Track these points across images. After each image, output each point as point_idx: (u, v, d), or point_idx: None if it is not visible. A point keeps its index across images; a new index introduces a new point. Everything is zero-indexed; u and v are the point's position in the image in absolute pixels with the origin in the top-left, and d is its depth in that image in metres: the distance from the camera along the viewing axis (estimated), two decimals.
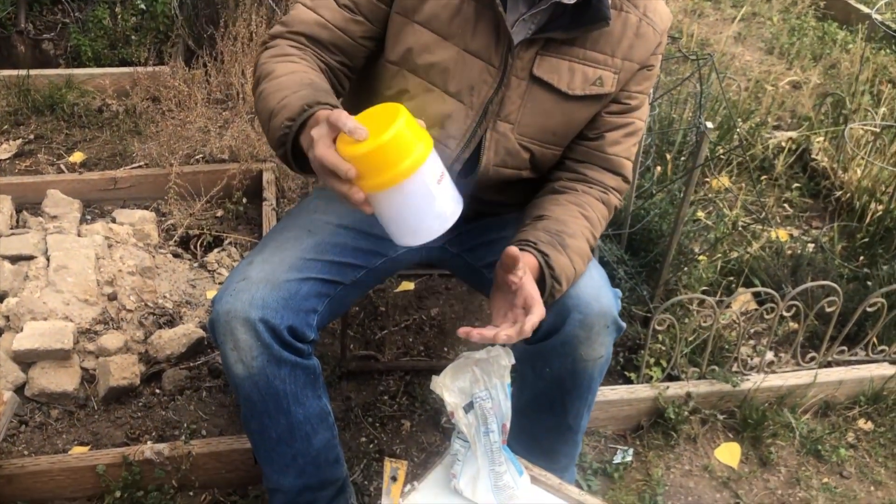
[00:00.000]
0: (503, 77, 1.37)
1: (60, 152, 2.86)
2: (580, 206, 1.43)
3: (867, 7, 4.16)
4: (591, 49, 1.38)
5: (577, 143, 1.48)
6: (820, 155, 2.96)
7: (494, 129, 1.41)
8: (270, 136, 1.22)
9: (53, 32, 3.46)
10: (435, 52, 1.36)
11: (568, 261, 1.33)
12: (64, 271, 2.10)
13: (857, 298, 2.13)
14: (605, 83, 1.40)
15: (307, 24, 1.35)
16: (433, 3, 1.34)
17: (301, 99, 1.19)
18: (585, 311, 1.35)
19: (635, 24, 1.38)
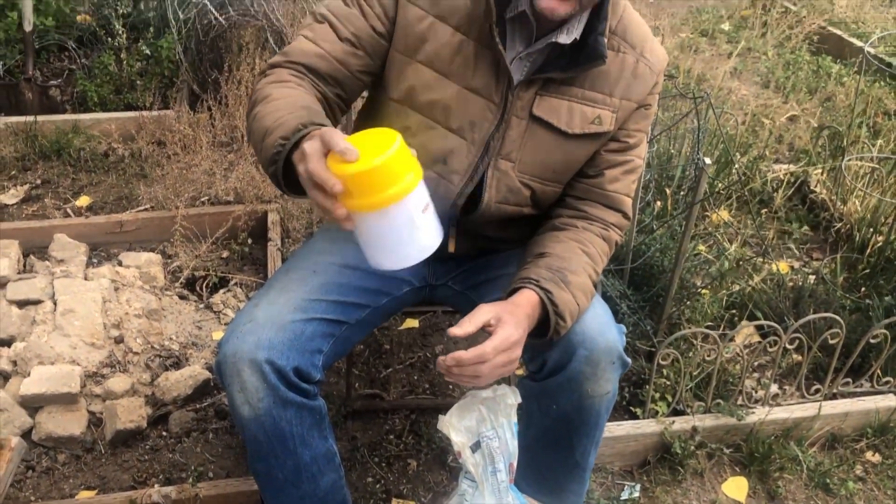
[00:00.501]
0: (503, 113, 1.40)
1: (67, 196, 2.90)
2: (581, 242, 1.45)
3: (860, 41, 4.22)
4: (590, 89, 1.41)
5: (577, 180, 1.51)
6: (819, 187, 2.98)
7: (496, 166, 1.44)
8: (263, 154, 1.23)
9: (60, 79, 3.51)
10: (436, 89, 1.39)
11: (571, 297, 1.35)
12: (71, 315, 2.11)
13: (860, 330, 2.14)
14: (604, 122, 1.43)
15: (307, 54, 1.37)
16: (434, 43, 1.37)
17: (297, 119, 1.20)
18: (591, 348, 1.37)
19: (632, 65, 1.42)
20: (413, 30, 1.37)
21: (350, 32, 1.37)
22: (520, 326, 1.27)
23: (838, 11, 4.66)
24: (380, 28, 1.38)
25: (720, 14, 4.95)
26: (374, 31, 1.38)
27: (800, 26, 4.50)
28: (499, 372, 1.25)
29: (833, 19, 4.59)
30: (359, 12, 1.37)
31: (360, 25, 1.37)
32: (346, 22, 1.37)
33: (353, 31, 1.37)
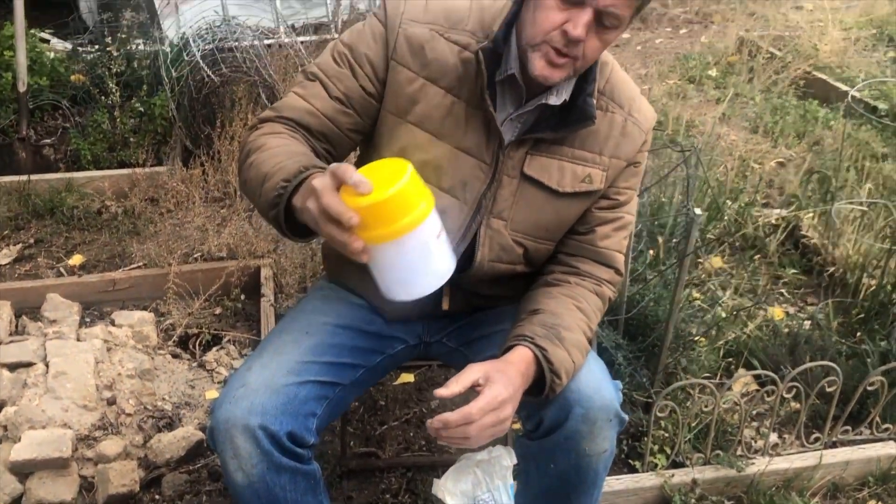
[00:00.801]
0: (495, 172, 1.41)
1: (60, 255, 2.89)
2: (574, 298, 1.45)
3: (845, 85, 4.28)
4: (580, 148, 1.42)
5: (569, 237, 1.51)
6: (810, 232, 3.00)
7: (488, 225, 1.44)
8: (263, 198, 1.23)
9: (54, 137, 3.54)
10: (428, 150, 1.40)
11: (566, 354, 1.34)
12: (63, 377, 2.09)
13: (857, 376, 2.13)
14: (594, 180, 1.44)
15: (298, 110, 1.38)
16: (425, 105, 1.38)
17: (297, 163, 1.21)
18: (587, 406, 1.35)
19: (621, 124, 1.43)
20: (404, 91, 1.38)
21: (340, 91, 1.39)
22: (510, 385, 1.26)
23: (823, 56, 4.73)
24: (370, 88, 1.39)
25: (707, 61, 5.02)
26: (365, 91, 1.39)
27: (786, 71, 4.57)
28: (489, 433, 1.23)
29: (818, 64, 4.66)
30: (349, 72, 1.39)
31: (350, 85, 1.39)
32: (336, 81, 1.39)
33: (344, 90, 1.39)
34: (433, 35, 1.37)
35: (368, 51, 1.38)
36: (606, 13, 1.23)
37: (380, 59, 1.38)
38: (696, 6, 6.14)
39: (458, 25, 1.38)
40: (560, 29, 1.24)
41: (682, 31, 5.84)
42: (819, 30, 5.00)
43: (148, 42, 3.92)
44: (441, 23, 1.38)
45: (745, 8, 5.92)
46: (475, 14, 1.38)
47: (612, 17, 1.24)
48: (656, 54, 5.32)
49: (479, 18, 1.37)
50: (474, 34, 1.37)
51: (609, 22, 1.25)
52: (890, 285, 2.49)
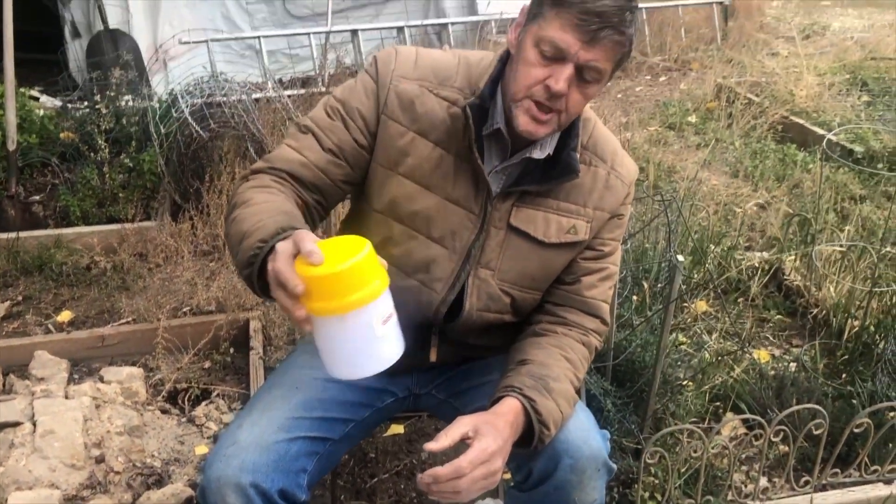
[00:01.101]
0: (483, 223, 1.44)
1: (48, 312, 2.90)
2: (561, 348, 1.47)
3: (821, 129, 4.38)
4: (564, 200, 1.46)
5: (556, 287, 1.54)
6: (793, 274, 3.04)
7: (476, 275, 1.47)
8: (240, 256, 1.24)
9: (43, 194, 3.57)
10: (418, 201, 1.43)
11: (554, 405, 1.36)
12: (51, 436, 2.08)
13: (844, 417, 2.15)
14: (579, 232, 1.47)
15: (290, 162, 1.41)
16: (415, 157, 1.42)
17: (276, 223, 1.23)
18: (576, 456, 1.37)
19: (604, 178, 1.47)
20: (394, 144, 1.42)
21: (333, 143, 1.42)
22: (499, 437, 1.27)
23: (799, 101, 4.85)
24: (362, 141, 1.43)
25: (686, 107, 5.13)
26: (357, 143, 1.43)
27: (763, 116, 4.67)
28: (480, 486, 1.24)
29: (795, 109, 4.77)
30: (342, 125, 1.42)
31: (342, 137, 1.42)
32: (329, 133, 1.42)
33: (336, 142, 1.42)
34: (423, 91, 1.41)
35: (360, 105, 1.42)
36: (587, 67, 1.28)
37: (371, 113, 1.42)
38: (675, 54, 6.29)
39: (447, 82, 1.42)
40: (543, 84, 1.29)
41: (661, 79, 5.97)
42: (795, 76, 5.13)
43: (137, 99, 3.99)
44: (430, 79, 1.42)
45: (723, 55, 6.07)
46: (462, 71, 1.43)
47: (593, 71, 1.28)
48: (637, 102, 5.43)
49: (467, 75, 1.42)
50: (462, 90, 1.41)
51: (590, 76, 1.29)
52: (872, 326, 2.52)
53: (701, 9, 6.69)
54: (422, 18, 5.94)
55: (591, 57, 1.26)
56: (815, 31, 7.30)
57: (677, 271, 1.92)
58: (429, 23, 5.80)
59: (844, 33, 7.09)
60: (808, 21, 7.79)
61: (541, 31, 1.28)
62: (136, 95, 4.01)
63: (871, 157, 4.08)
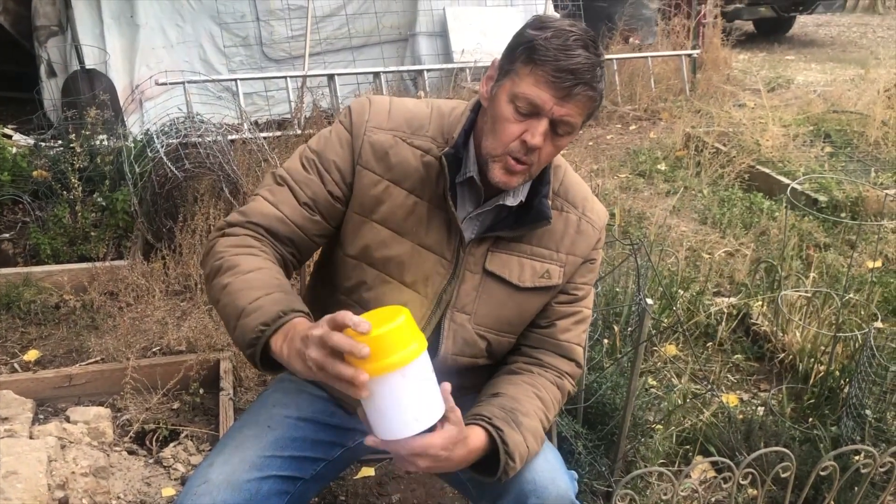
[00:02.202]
0: (455, 268, 1.47)
1: (15, 351, 2.85)
2: (535, 386, 1.48)
3: (787, 179, 4.49)
4: (537, 245, 1.49)
5: (531, 330, 1.57)
6: (760, 319, 3.09)
7: (452, 318, 1.49)
8: (238, 334, 1.26)
9: (13, 232, 3.54)
10: (391, 246, 1.46)
11: (521, 438, 1.37)
12: (13, 477, 2.04)
13: (811, 461, 2.18)
14: (552, 276, 1.50)
15: (267, 217, 1.43)
16: (389, 205, 1.45)
17: (275, 303, 1.25)
18: (543, 496, 1.38)
19: (575, 223, 1.51)
20: (369, 193, 1.45)
21: (308, 197, 1.44)
22: (451, 457, 1.27)
23: (765, 151, 4.97)
24: (337, 193, 1.45)
25: (656, 156, 5.24)
26: (332, 195, 1.45)
27: (731, 165, 4.78)
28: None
29: (761, 158, 4.90)
30: (318, 178, 1.45)
31: (317, 190, 1.45)
32: (304, 187, 1.44)
33: (311, 195, 1.44)
34: (396, 141, 1.45)
35: (336, 157, 1.45)
36: (561, 122, 1.32)
37: (347, 164, 1.45)
38: (645, 104, 6.43)
39: (419, 132, 1.46)
40: (519, 139, 1.33)
41: (631, 128, 6.10)
42: (760, 126, 5.27)
43: (112, 138, 3.98)
44: (403, 129, 1.46)
45: (691, 106, 6.23)
46: (435, 121, 1.47)
47: (566, 125, 1.33)
48: (608, 149, 5.53)
49: (439, 125, 1.46)
50: (434, 139, 1.45)
51: (563, 130, 1.34)
52: (837, 371, 2.57)
53: (670, 60, 6.87)
54: (398, 64, 6.04)
55: (565, 112, 1.31)
56: (780, 84, 7.53)
57: (646, 314, 1.96)
58: (404, 69, 5.89)
59: (808, 87, 7.32)
60: (773, 74, 8.03)
61: (515, 87, 1.32)
62: (112, 135, 4.02)
63: (834, 207, 4.19)
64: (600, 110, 6.20)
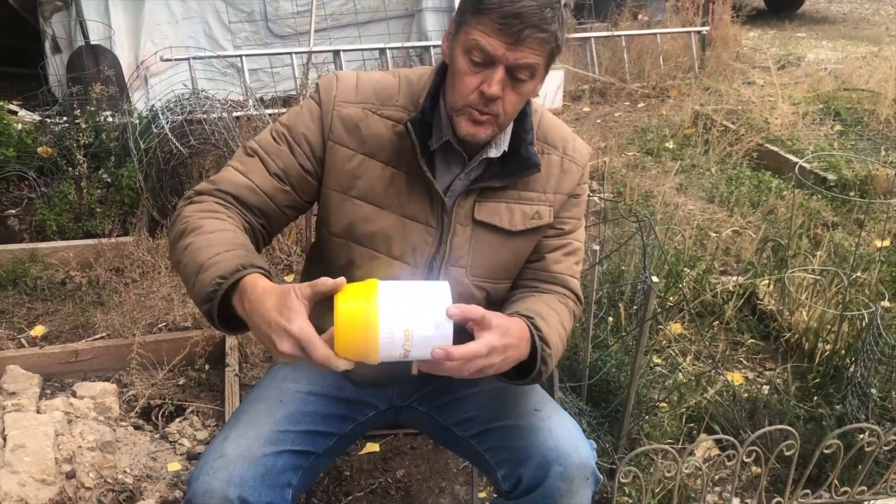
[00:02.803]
0: (441, 234, 1.46)
1: (22, 326, 2.86)
2: (544, 301, 1.48)
3: (796, 157, 4.46)
4: (524, 189, 1.49)
5: (524, 268, 1.56)
6: (766, 299, 3.08)
7: (446, 275, 1.48)
8: (197, 289, 1.25)
9: (19, 208, 3.54)
10: (375, 221, 1.45)
11: (550, 329, 1.36)
12: (21, 451, 2.05)
13: (815, 439, 2.17)
14: (543, 216, 1.51)
15: (236, 185, 1.42)
16: (366, 179, 1.44)
17: (235, 258, 1.24)
18: (566, 464, 1.38)
19: (559, 163, 1.52)
20: (344, 169, 1.44)
21: (279, 168, 1.43)
22: (510, 341, 1.25)
23: (774, 129, 4.93)
24: (307, 166, 1.45)
25: (664, 133, 5.20)
26: (302, 168, 1.44)
27: (739, 144, 4.74)
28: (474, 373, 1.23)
29: (769, 137, 4.85)
30: (287, 149, 1.44)
31: (288, 162, 1.44)
32: (275, 158, 1.44)
33: (283, 166, 1.44)
34: (366, 113, 1.44)
35: (306, 130, 1.44)
36: (518, 66, 1.31)
37: (317, 138, 1.44)
38: (653, 82, 6.38)
39: (389, 102, 1.45)
40: (478, 90, 1.33)
41: (639, 106, 6.06)
42: (770, 104, 5.22)
43: (117, 114, 3.97)
44: (372, 101, 1.45)
45: (700, 83, 6.18)
46: (404, 89, 1.46)
47: (523, 69, 1.32)
48: (616, 127, 5.50)
49: (409, 93, 1.46)
50: (405, 108, 1.44)
51: (522, 75, 1.33)
52: (843, 350, 2.56)
53: (679, 38, 6.80)
54: (404, 40, 5.99)
55: (518, 56, 1.30)
56: (790, 62, 7.45)
57: (651, 291, 1.95)
58: (410, 45, 5.85)
59: (819, 64, 7.24)
60: (784, 52, 7.95)
61: (468, 38, 1.32)
62: (117, 111, 4.00)
63: (843, 185, 4.15)
64: (608, 87, 6.16)
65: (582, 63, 6.43)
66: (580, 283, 1.60)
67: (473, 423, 1.55)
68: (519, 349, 1.27)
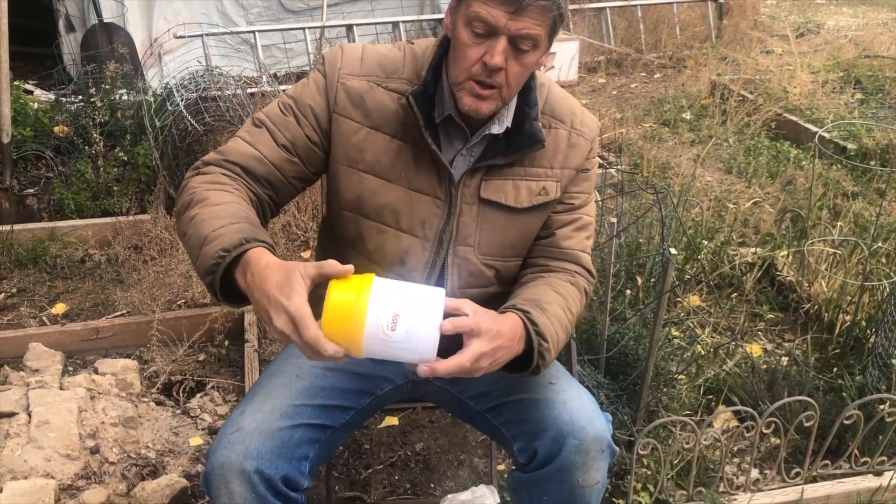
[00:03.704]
0: (450, 207, 1.46)
1: (43, 304, 2.89)
2: (549, 284, 1.48)
3: (815, 126, 4.40)
4: (530, 165, 1.48)
5: (534, 244, 1.56)
6: (785, 270, 3.06)
7: (454, 254, 1.48)
8: (200, 261, 1.25)
9: (37, 187, 3.56)
10: (383, 195, 1.45)
11: (548, 321, 1.36)
12: (46, 426, 2.09)
13: (835, 410, 2.17)
14: (549, 192, 1.50)
15: (244, 156, 1.42)
16: (373, 152, 1.44)
17: (239, 231, 1.24)
18: (581, 437, 1.38)
19: (566, 137, 1.50)
20: (350, 142, 1.44)
21: (286, 139, 1.43)
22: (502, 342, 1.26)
23: (792, 99, 4.86)
24: (314, 137, 1.45)
25: (681, 104, 5.14)
26: (309, 139, 1.44)
27: (757, 114, 4.68)
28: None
29: (788, 106, 4.79)
30: (294, 120, 1.44)
31: (295, 133, 1.44)
32: (283, 129, 1.44)
33: (290, 137, 1.43)
34: (371, 86, 1.44)
35: (312, 102, 1.44)
36: (520, 37, 1.30)
37: (322, 110, 1.44)
38: (670, 51, 6.30)
39: (394, 74, 1.45)
40: (480, 62, 1.31)
41: (656, 76, 5.99)
42: (788, 73, 5.15)
43: (131, 92, 3.98)
44: (378, 74, 1.45)
45: (717, 53, 6.09)
46: (409, 62, 1.45)
47: (525, 39, 1.30)
48: (632, 98, 5.44)
49: (413, 66, 1.45)
50: (410, 81, 1.44)
51: (524, 45, 1.31)
52: (864, 321, 2.54)
53: (695, 6, 6.70)
54: (417, 13, 5.94)
55: (520, 26, 1.28)
56: (810, 30, 7.33)
57: (670, 264, 1.94)
58: (424, 18, 5.80)
59: (839, 31, 7.12)
60: (803, 19, 7.82)
61: (469, 9, 1.30)
62: (131, 89, 4.00)
63: (863, 154, 4.10)
64: (624, 58, 6.09)
65: (597, 34, 6.36)
66: (597, 256, 1.59)
67: (489, 397, 1.55)
68: (511, 349, 1.28)
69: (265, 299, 1.16)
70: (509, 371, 1.34)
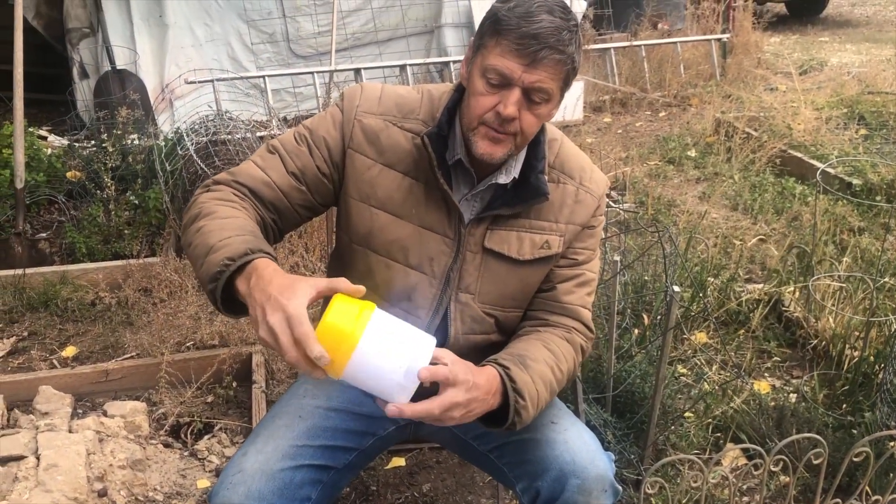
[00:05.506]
0: (458, 246, 1.48)
1: (53, 347, 2.92)
2: (543, 340, 1.49)
3: (820, 162, 4.42)
4: (536, 218, 1.50)
5: (535, 296, 1.57)
6: (792, 305, 3.06)
7: (457, 299, 1.51)
8: (204, 269, 1.27)
9: (49, 231, 3.61)
10: (393, 231, 1.48)
11: (530, 379, 1.36)
12: (54, 470, 2.09)
13: (845, 448, 2.15)
14: (552, 245, 1.51)
15: (254, 179, 1.45)
16: (385, 188, 1.47)
17: (245, 243, 1.27)
18: (583, 476, 1.39)
19: (573, 193, 1.52)
20: (363, 177, 1.47)
21: (297, 167, 1.47)
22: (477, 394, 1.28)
23: (797, 135, 4.89)
24: (324, 169, 1.48)
25: (686, 142, 5.18)
26: (319, 170, 1.48)
27: (762, 150, 4.71)
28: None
29: (793, 143, 4.82)
30: (307, 151, 1.48)
31: (306, 162, 1.47)
32: (294, 157, 1.47)
33: (300, 166, 1.47)
34: (387, 125, 1.47)
35: (327, 135, 1.48)
36: (533, 89, 1.33)
37: (337, 144, 1.48)
38: (674, 90, 6.36)
39: (410, 115, 1.48)
40: (493, 111, 1.35)
41: (661, 115, 6.04)
42: (792, 110, 5.19)
43: (143, 137, 4.05)
44: (394, 113, 1.48)
45: (721, 91, 6.15)
46: (426, 104, 1.49)
47: (539, 92, 1.34)
48: (637, 137, 5.49)
49: (429, 108, 1.49)
50: (425, 122, 1.47)
51: (538, 97, 1.35)
52: (872, 356, 2.53)
53: (699, 45, 6.78)
54: (424, 57, 6.04)
55: (535, 79, 1.32)
56: (813, 67, 7.39)
57: (673, 301, 1.95)
58: (430, 61, 5.90)
59: (842, 68, 7.17)
60: (806, 56, 7.89)
61: (485, 60, 1.34)
62: (143, 134, 4.08)
63: (868, 190, 4.11)
64: (629, 97, 6.15)
65: (602, 74, 6.43)
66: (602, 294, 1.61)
67: (492, 437, 1.55)
68: (485, 402, 1.29)
69: (264, 297, 1.18)
70: (486, 424, 1.35)
